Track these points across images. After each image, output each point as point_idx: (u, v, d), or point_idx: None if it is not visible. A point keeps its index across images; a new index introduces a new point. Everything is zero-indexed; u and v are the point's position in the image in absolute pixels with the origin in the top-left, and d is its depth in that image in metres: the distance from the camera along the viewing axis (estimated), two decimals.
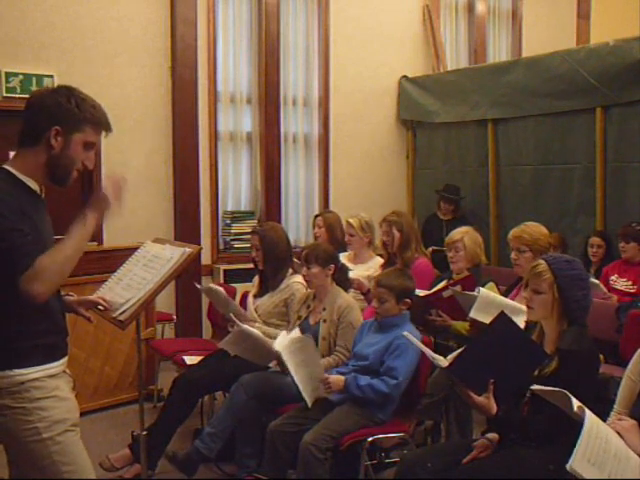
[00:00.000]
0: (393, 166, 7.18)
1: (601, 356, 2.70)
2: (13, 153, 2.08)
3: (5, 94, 5.32)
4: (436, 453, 2.72)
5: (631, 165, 5.11)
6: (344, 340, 3.49)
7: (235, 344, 3.44)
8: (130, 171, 5.83)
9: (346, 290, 3.79)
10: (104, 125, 2.11)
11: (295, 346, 3.21)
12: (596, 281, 4.49)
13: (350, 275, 4.00)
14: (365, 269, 4.37)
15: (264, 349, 3.39)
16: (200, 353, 4.21)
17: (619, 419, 2.32)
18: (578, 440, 1.81)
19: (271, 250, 3.97)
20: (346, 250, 4.55)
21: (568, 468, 1.78)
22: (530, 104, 5.75)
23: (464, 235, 3.97)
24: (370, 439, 3.12)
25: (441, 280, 3.98)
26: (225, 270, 6.11)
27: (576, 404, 1.94)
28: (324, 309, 3.59)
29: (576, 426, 1.87)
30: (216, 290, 3.89)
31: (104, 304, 2.48)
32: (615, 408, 2.46)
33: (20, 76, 5.36)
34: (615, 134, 5.20)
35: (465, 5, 7.68)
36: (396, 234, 4.21)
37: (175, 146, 6.05)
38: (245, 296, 4.36)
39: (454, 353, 2.46)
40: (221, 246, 6.37)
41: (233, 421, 3.50)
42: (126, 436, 3.78)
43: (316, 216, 5.01)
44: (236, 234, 6.30)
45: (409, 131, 7.18)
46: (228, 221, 6.33)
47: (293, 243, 4.50)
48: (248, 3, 6.41)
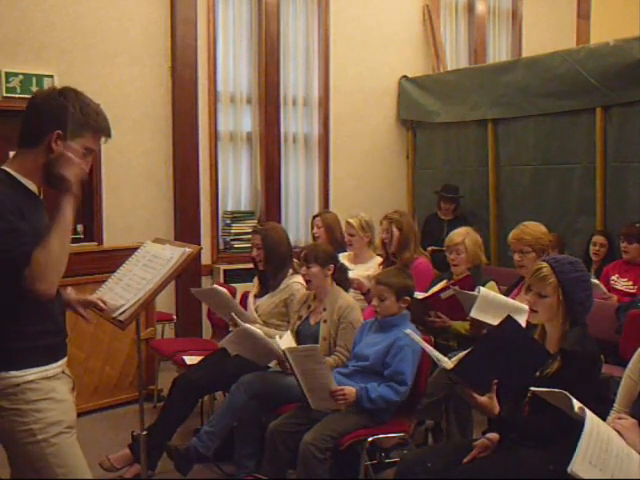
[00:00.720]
0: (393, 166, 7.18)
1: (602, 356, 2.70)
2: (13, 153, 2.07)
3: (5, 94, 5.31)
4: (436, 453, 2.72)
5: (631, 165, 5.10)
6: (344, 340, 3.48)
7: (236, 343, 3.45)
8: (130, 171, 5.86)
9: (346, 290, 3.79)
10: (105, 132, 2.11)
11: (302, 353, 3.14)
12: (596, 281, 4.48)
13: (350, 275, 4.00)
14: (365, 269, 4.37)
15: (265, 349, 3.39)
16: (200, 353, 4.21)
17: (619, 418, 2.31)
18: (578, 443, 1.80)
19: (272, 250, 3.97)
20: (345, 250, 4.55)
21: (569, 471, 1.77)
22: (530, 104, 5.75)
23: (465, 237, 3.97)
24: (370, 439, 3.11)
25: (441, 280, 3.98)
26: (225, 270, 6.11)
27: (577, 405, 1.94)
28: (324, 309, 3.59)
29: (577, 426, 1.87)
30: (219, 291, 3.86)
31: (102, 305, 2.47)
32: (615, 407, 2.45)
33: (20, 76, 5.35)
34: (615, 134, 5.20)
35: (465, 5, 7.68)
36: (395, 232, 4.21)
37: (175, 146, 6.05)
38: (245, 296, 4.37)
39: (459, 355, 2.44)
40: (221, 246, 6.37)
41: (232, 420, 3.50)
42: (126, 436, 3.77)
43: (315, 216, 5.00)
44: (236, 234, 6.30)
45: (409, 131, 7.17)
46: (228, 221, 6.33)
47: (293, 243, 4.50)
48: (248, 3, 6.41)
